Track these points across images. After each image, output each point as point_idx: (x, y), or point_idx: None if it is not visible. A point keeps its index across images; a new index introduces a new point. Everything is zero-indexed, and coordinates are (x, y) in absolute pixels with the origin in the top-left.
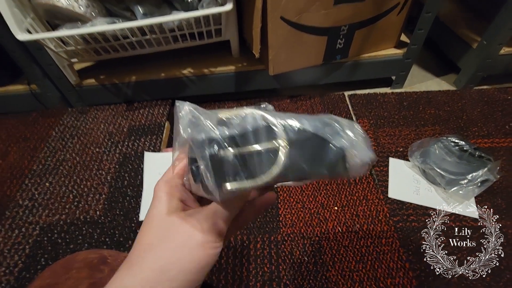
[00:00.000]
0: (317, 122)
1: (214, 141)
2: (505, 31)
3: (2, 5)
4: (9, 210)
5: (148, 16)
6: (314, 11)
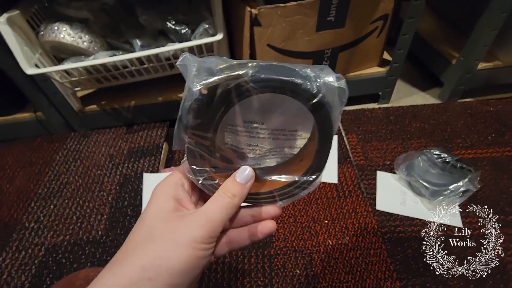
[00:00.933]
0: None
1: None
2: (480, 48)
3: (13, 44)
4: (16, 233)
5: (146, 47)
6: (298, 38)
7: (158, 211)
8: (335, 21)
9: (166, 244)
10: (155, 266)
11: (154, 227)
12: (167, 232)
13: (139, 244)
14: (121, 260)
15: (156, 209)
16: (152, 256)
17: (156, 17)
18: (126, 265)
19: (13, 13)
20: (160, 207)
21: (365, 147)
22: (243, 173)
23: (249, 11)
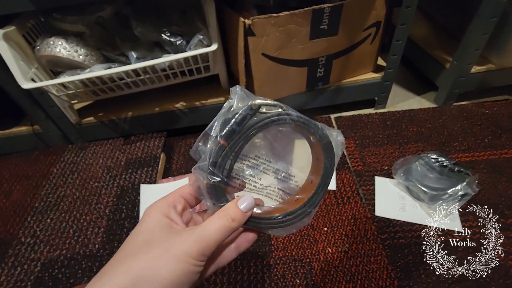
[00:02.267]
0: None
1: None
2: (472, 52)
3: (10, 59)
4: (12, 248)
5: (141, 59)
6: (291, 46)
7: (154, 225)
8: (328, 29)
9: (160, 255)
10: (147, 276)
11: (150, 238)
12: (162, 244)
13: (132, 253)
14: (112, 269)
15: (152, 224)
16: (144, 265)
17: (151, 29)
18: (117, 274)
19: (9, 29)
20: (156, 222)
21: (362, 153)
22: (246, 201)
23: (242, 21)
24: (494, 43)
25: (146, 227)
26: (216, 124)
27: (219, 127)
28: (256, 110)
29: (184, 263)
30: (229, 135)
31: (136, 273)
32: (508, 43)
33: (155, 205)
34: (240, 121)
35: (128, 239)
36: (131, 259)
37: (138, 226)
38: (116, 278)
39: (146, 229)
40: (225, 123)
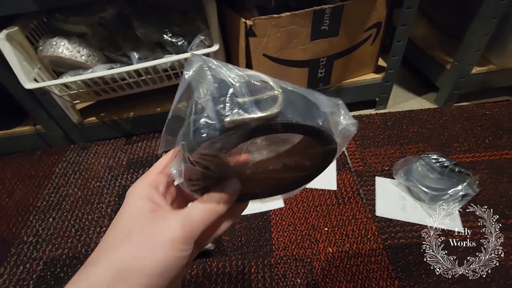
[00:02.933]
0: (307, 91)
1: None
2: (472, 53)
3: (13, 59)
4: (14, 247)
5: (143, 60)
6: (292, 47)
7: (135, 212)
8: (329, 30)
9: (143, 244)
10: (131, 266)
11: (132, 226)
12: (145, 232)
13: (115, 244)
14: (94, 261)
15: (132, 210)
16: (127, 256)
17: (152, 30)
18: (100, 266)
19: (12, 29)
20: (137, 207)
21: (363, 153)
22: (232, 185)
23: (243, 22)
24: (495, 44)
25: (127, 215)
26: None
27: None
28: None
29: (170, 250)
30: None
31: (119, 265)
32: (509, 44)
33: (135, 189)
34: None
35: (110, 229)
36: (113, 250)
37: (119, 213)
38: (99, 271)
39: (127, 217)
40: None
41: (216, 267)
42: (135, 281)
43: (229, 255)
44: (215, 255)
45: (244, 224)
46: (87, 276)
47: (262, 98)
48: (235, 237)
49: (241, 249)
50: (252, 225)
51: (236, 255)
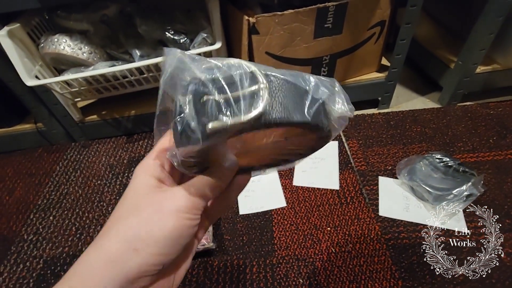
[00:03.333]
0: (295, 74)
1: (198, 81)
2: (477, 52)
3: (14, 56)
4: (14, 245)
5: (145, 57)
6: (296, 45)
7: (142, 187)
8: (332, 28)
9: (151, 215)
10: (140, 236)
11: (139, 200)
12: (152, 204)
13: (123, 217)
14: (105, 234)
15: (139, 186)
16: (136, 227)
17: (155, 27)
18: (110, 238)
19: (14, 26)
20: (143, 183)
21: (366, 153)
22: (229, 161)
23: (246, 19)
24: (499, 43)
25: (134, 191)
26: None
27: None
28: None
29: (176, 219)
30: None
31: (129, 236)
32: None
33: (142, 166)
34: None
35: (118, 204)
36: (122, 223)
37: (127, 190)
38: (109, 243)
39: (135, 192)
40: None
41: (217, 266)
42: (146, 250)
43: (230, 254)
44: (217, 254)
45: (245, 223)
46: (97, 248)
47: (245, 93)
48: (236, 236)
49: (243, 249)
50: (254, 224)
51: (237, 255)
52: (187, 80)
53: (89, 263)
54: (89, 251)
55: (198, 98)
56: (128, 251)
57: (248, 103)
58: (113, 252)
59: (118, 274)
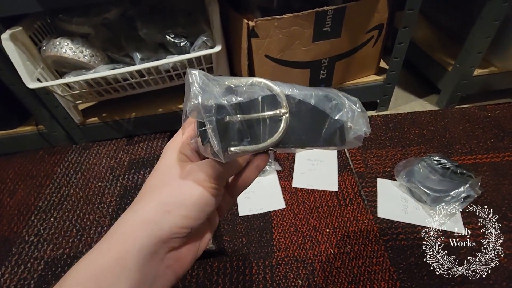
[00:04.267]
0: (320, 95)
1: (222, 107)
2: (474, 55)
3: (16, 59)
4: (15, 247)
5: (146, 60)
6: (294, 48)
7: (170, 162)
8: (331, 32)
9: (180, 184)
10: (171, 201)
11: (168, 172)
12: (181, 175)
13: (156, 187)
14: (140, 201)
15: (168, 161)
16: (168, 193)
17: (155, 31)
18: (146, 203)
19: (16, 29)
20: (173, 158)
21: (364, 155)
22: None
23: (246, 23)
24: (496, 46)
25: (165, 163)
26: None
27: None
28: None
29: (202, 187)
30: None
31: (162, 200)
32: (511, 46)
33: (171, 144)
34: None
35: (151, 176)
36: (155, 191)
37: (159, 163)
38: (145, 206)
39: (165, 165)
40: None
41: (217, 268)
42: (178, 212)
43: (230, 256)
44: (216, 256)
45: (245, 225)
46: (134, 212)
47: (265, 118)
48: (236, 237)
49: (242, 250)
50: (253, 226)
51: (237, 256)
52: (211, 104)
53: (128, 223)
54: (127, 215)
55: (221, 119)
56: (162, 212)
57: (268, 129)
58: (148, 213)
59: (153, 233)
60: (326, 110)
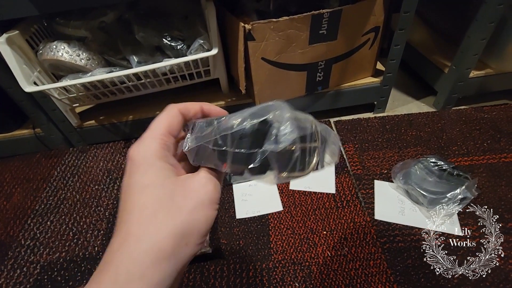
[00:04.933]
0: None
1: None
2: (470, 57)
3: (12, 63)
4: (11, 251)
5: (143, 63)
6: (291, 51)
7: (164, 176)
8: (327, 34)
9: (192, 211)
10: (189, 232)
11: (170, 191)
12: (188, 196)
13: (163, 210)
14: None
15: (161, 174)
16: (184, 222)
17: (152, 34)
18: (155, 230)
19: (13, 33)
20: (164, 172)
21: (362, 156)
22: None
23: (242, 26)
24: (492, 48)
25: (155, 179)
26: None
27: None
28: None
29: (213, 210)
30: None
31: (178, 231)
32: (506, 48)
33: (149, 148)
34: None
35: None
36: (159, 214)
37: (140, 177)
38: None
39: (157, 182)
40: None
41: (214, 271)
42: (194, 242)
43: (227, 259)
44: (213, 259)
45: (242, 227)
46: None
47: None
48: (233, 240)
49: (239, 253)
50: (251, 228)
51: (234, 259)
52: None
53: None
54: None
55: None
56: (182, 246)
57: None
58: (166, 246)
59: (175, 269)
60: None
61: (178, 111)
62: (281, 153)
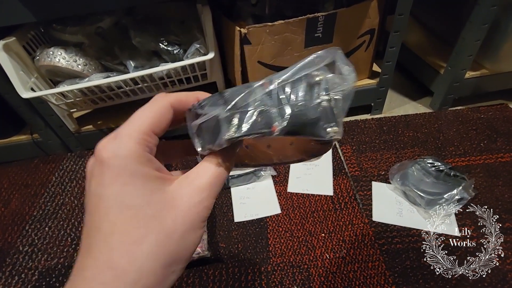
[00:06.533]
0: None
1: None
2: (465, 58)
3: (9, 69)
4: (9, 257)
5: (140, 68)
6: (287, 54)
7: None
8: (322, 37)
9: (183, 234)
10: (176, 259)
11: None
12: (180, 218)
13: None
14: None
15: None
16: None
17: (149, 39)
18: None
19: (10, 40)
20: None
21: (359, 158)
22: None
23: (238, 30)
24: (487, 49)
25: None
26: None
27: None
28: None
29: (202, 229)
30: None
31: (165, 260)
32: (500, 49)
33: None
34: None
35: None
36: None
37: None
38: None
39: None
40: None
41: (212, 275)
42: (181, 267)
43: (225, 263)
44: (212, 263)
45: (240, 231)
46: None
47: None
48: (231, 244)
49: (238, 256)
50: (249, 231)
51: (232, 263)
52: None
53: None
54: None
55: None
56: (167, 274)
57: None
58: (148, 279)
59: None
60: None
61: (169, 105)
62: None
